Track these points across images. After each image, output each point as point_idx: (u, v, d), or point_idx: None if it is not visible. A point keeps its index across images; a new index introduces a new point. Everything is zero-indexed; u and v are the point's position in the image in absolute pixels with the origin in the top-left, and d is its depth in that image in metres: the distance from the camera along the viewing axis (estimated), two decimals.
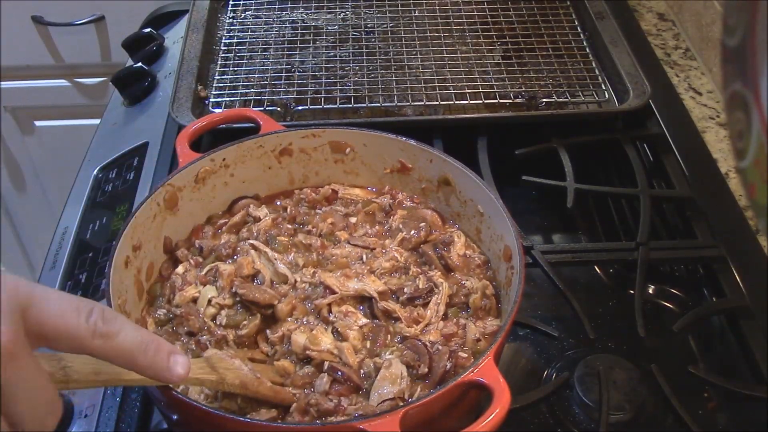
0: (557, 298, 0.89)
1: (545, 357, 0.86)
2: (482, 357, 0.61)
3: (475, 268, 0.81)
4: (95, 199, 1.05)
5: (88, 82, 1.88)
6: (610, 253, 0.94)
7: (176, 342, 0.73)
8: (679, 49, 1.33)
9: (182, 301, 0.76)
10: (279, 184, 0.90)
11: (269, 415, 0.66)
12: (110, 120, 1.21)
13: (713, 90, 1.23)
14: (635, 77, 1.13)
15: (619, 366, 0.81)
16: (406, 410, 0.58)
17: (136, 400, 0.79)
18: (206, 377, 0.64)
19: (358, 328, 0.73)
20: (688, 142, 1.10)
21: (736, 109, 0.42)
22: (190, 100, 1.10)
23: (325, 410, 0.66)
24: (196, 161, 0.83)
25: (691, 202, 1.00)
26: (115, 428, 0.76)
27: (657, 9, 1.44)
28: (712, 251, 0.93)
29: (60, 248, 0.98)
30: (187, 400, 0.61)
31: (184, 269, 0.79)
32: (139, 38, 1.33)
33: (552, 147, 1.06)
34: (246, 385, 0.66)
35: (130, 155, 1.11)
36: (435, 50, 1.23)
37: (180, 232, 0.83)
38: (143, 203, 0.78)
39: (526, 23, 1.29)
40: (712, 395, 0.82)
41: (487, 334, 0.73)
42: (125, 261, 0.74)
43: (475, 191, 0.81)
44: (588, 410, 0.78)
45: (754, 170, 0.41)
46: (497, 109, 1.12)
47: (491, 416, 0.57)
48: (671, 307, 0.92)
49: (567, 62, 1.20)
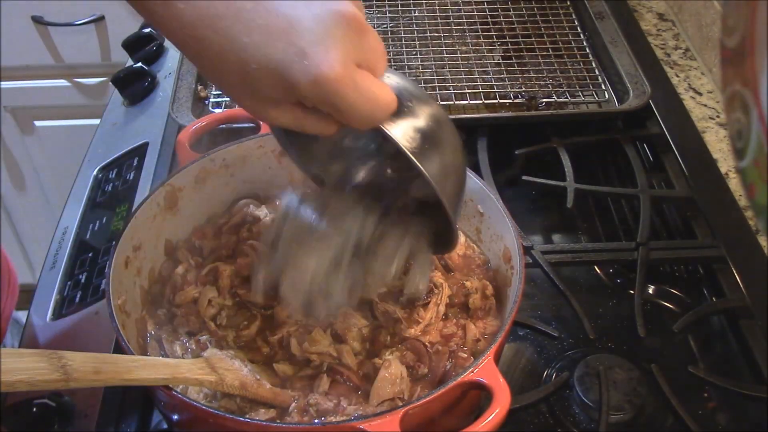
0: (557, 298, 0.89)
1: (545, 357, 0.86)
2: (482, 357, 0.61)
3: (475, 268, 0.81)
4: (95, 199, 1.05)
5: (88, 82, 1.88)
6: (610, 253, 0.94)
7: (176, 342, 0.73)
8: (679, 49, 1.33)
9: (182, 301, 0.76)
10: (279, 184, 0.90)
11: (268, 415, 0.66)
12: (110, 120, 1.21)
13: (713, 90, 1.23)
14: (635, 77, 1.13)
15: (619, 366, 0.81)
16: (406, 410, 0.58)
17: (136, 400, 0.79)
18: (205, 377, 0.64)
19: (357, 329, 0.73)
20: (688, 142, 1.10)
21: (736, 109, 0.42)
22: (190, 100, 1.10)
23: (324, 410, 0.66)
24: (196, 161, 0.83)
25: (691, 202, 1.00)
26: (115, 428, 0.76)
27: (657, 9, 1.44)
28: (712, 251, 0.93)
29: (60, 248, 0.98)
30: (187, 400, 0.61)
31: (184, 269, 0.79)
32: (139, 38, 1.33)
33: (552, 147, 1.06)
34: (245, 386, 0.66)
35: (130, 155, 1.11)
36: (435, 50, 1.23)
37: (180, 232, 0.83)
38: (143, 203, 0.77)
39: (526, 23, 1.29)
40: (712, 395, 0.82)
41: (487, 334, 0.73)
42: (125, 261, 0.74)
43: (475, 191, 0.81)
44: (588, 410, 0.78)
45: (754, 170, 0.41)
46: (497, 109, 1.12)
47: (491, 416, 0.57)
48: (671, 307, 0.92)
49: (567, 62, 1.21)
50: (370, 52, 0.55)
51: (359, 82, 0.54)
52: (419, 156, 0.58)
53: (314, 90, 0.53)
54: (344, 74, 0.52)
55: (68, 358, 0.53)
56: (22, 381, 0.50)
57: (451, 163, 0.62)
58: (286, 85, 0.53)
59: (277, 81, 0.54)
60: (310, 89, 0.53)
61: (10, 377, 0.50)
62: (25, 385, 0.51)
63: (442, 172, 0.60)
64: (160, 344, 0.72)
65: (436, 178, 0.59)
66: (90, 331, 0.85)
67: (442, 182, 0.60)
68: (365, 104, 0.54)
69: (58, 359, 0.52)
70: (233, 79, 0.56)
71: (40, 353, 0.51)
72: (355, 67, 0.54)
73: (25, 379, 0.50)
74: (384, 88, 0.56)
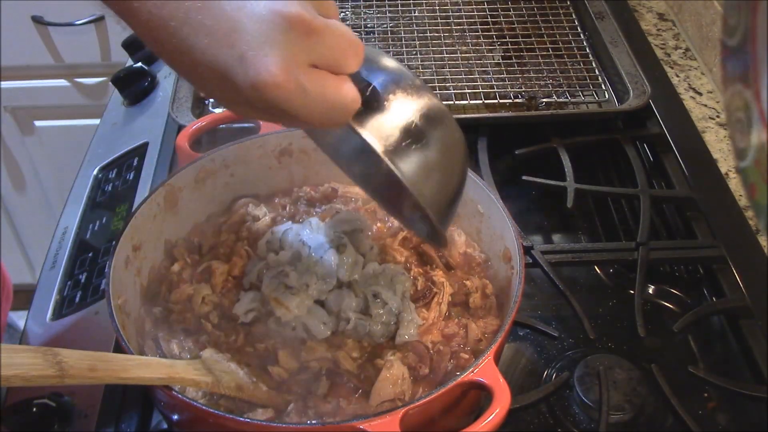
0: (557, 298, 0.89)
1: (545, 357, 0.86)
2: (482, 357, 0.61)
3: (476, 267, 0.81)
4: (95, 199, 1.05)
5: (88, 82, 1.88)
6: (610, 253, 0.94)
7: (173, 340, 0.72)
8: (679, 49, 1.33)
9: (178, 299, 0.76)
10: (279, 184, 0.90)
11: (266, 414, 0.66)
12: (110, 120, 1.21)
13: (713, 90, 1.23)
14: (635, 77, 1.13)
15: (619, 366, 0.81)
16: (406, 410, 0.58)
17: (136, 400, 0.79)
18: (202, 378, 0.64)
19: None
20: (688, 142, 1.10)
21: (737, 109, 0.42)
22: (190, 100, 1.10)
23: (323, 412, 0.66)
24: (196, 161, 0.83)
25: (691, 202, 1.00)
26: (115, 428, 0.76)
27: (657, 9, 1.44)
28: (712, 251, 0.93)
29: (60, 248, 0.97)
30: (187, 400, 0.61)
31: (180, 267, 0.79)
32: (139, 38, 1.32)
33: (552, 147, 1.06)
34: (242, 388, 0.66)
35: (130, 155, 1.11)
36: (435, 50, 1.23)
37: (180, 232, 0.83)
38: (143, 203, 0.77)
39: (526, 23, 1.29)
40: (712, 395, 0.82)
41: (488, 333, 0.73)
42: (125, 261, 0.74)
43: (475, 191, 0.81)
44: (588, 410, 0.78)
45: (755, 170, 0.41)
46: (497, 109, 1.12)
47: (491, 416, 0.57)
48: (671, 307, 0.92)
49: (567, 62, 1.20)
50: (327, 50, 0.53)
51: (308, 85, 0.52)
52: (392, 154, 0.56)
53: (255, 95, 0.51)
54: (285, 79, 0.50)
55: (64, 355, 0.53)
56: (18, 376, 0.50)
57: (437, 162, 0.59)
58: (233, 88, 0.52)
59: (224, 84, 0.52)
60: (251, 94, 0.51)
61: (6, 372, 0.50)
62: (21, 380, 0.51)
63: (424, 170, 0.57)
64: (156, 342, 0.72)
65: (414, 177, 0.57)
66: (90, 331, 0.85)
67: (422, 182, 0.57)
68: (317, 107, 0.53)
69: (53, 356, 0.52)
70: (192, 78, 0.55)
71: (35, 349, 0.51)
72: (303, 69, 0.52)
73: (21, 374, 0.51)
74: (342, 88, 0.54)
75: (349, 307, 0.71)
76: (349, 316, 0.70)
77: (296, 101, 0.52)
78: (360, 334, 0.71)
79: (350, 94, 0.54)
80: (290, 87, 0.51)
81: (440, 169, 0.60)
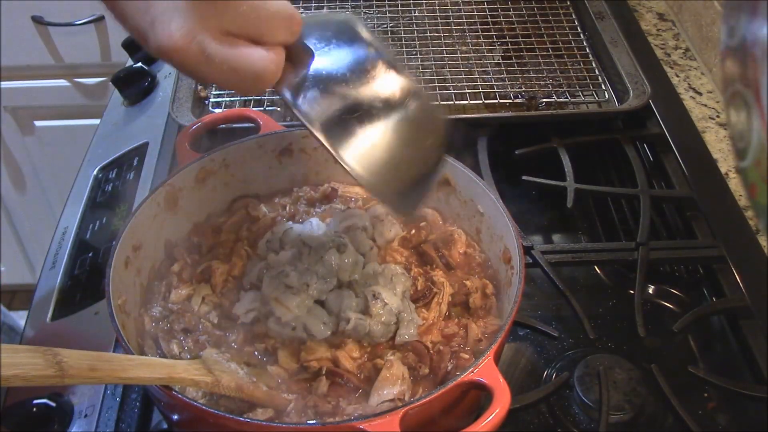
0: (557, 298, 0.89)
1: (545, 357, 0.86)
2: (482, 357, 0.61)
3: (476, 267, 0.81)
4: (95, 199, 1.05)
5: (88, 82, 1.88)
6: (610, 253, 0.94)
7: (173, 340, 0.72)
8: (679, 49, 1.33)
9: (178, 299, 0.76)
10: (279, 184, 0.90)
11: (266, 414, 0.66)
12: (110, 120, 1.21)
13: (713, 90, 1.23)
14: (635, 77, 1.13)
15: (619, 366, 0.81)
16: (406, 410, 0.58)
17: (136, 400, 0.79)
18: (201, 378, 0.64)
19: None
20: (688, 142, 1.10)
21: (737, 109, 0.42)
22: (190, 100, 1.10)
23: (323, 412, 0.66)
24: (196, 161, 0.83)
25: (691, 202, 1.00)
26: (115, 428, 0.76)
27: (657, 9, 1.44)
28: (712, 251, 0.93)
29: (60, 248, 0.98)
30: (187, 400, 0.61)
31: (180, 267, 0.79)
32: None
33: (552, 147, 1.06)
34: (242, 388, 0.66)
35: (130, 155, 1.11)
36: (435, 50, 1.23)
37: (180, 232, 0.83)
38: (143, 203, 0.77)
39: (526, 23, 1.29)
40: (712, 395, 0.82)
41: (488, 334, 0.73)
42: (125, 261, 0.74)
43: (475, 191, 0.81)
44: (588, 410, 0.78)
45: (755, 170, 0.41)
46: (497, 109, 1.12)
47: (491, 416, 0.57)
48: (671, 307, 0.92)
49: (567, 62, 1.21)
50: (242, 18, 0.53)
51: (212, 51, 0.53)
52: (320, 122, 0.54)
53: (164, 58, 0.54)
54: (184, 45, 0.52)
55: (64, 354, 0.53)
56: (17, 375, 0.50)
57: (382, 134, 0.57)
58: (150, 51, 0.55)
59: (146, 47, 0.55)
60: (161, 57, 0.54)
61: (6, 372, 0.50)
62: (20, 380, 0.51)
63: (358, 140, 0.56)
64: (156, 342, 0.72)
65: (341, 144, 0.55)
66: (90, 331, 0.85)
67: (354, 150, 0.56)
68: (225, 73, 0.54)
69: (53, 355, 0.52)
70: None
71: (35, 349, 0.51)
72: (212, 36, 0.53)
73: (20, 374, 0.51)
74: (253, 56, 0.54)
75: (349, 307, 0.71)
76: (349, 316, 0.70)
77: (200, 66, 0.54)
78: (360, 334, 0.71)
79: (261, 63, 0.54)
80: (190, 52, 0.53)
81: (387, 141, 0.58)
